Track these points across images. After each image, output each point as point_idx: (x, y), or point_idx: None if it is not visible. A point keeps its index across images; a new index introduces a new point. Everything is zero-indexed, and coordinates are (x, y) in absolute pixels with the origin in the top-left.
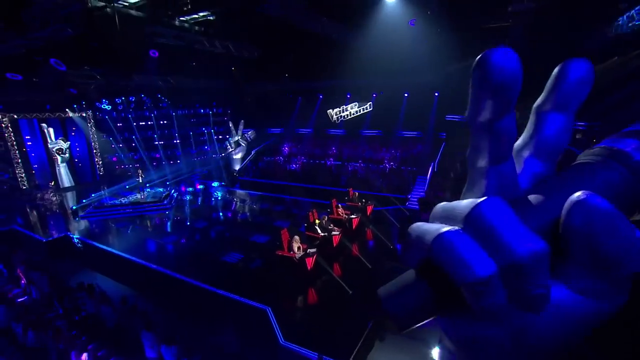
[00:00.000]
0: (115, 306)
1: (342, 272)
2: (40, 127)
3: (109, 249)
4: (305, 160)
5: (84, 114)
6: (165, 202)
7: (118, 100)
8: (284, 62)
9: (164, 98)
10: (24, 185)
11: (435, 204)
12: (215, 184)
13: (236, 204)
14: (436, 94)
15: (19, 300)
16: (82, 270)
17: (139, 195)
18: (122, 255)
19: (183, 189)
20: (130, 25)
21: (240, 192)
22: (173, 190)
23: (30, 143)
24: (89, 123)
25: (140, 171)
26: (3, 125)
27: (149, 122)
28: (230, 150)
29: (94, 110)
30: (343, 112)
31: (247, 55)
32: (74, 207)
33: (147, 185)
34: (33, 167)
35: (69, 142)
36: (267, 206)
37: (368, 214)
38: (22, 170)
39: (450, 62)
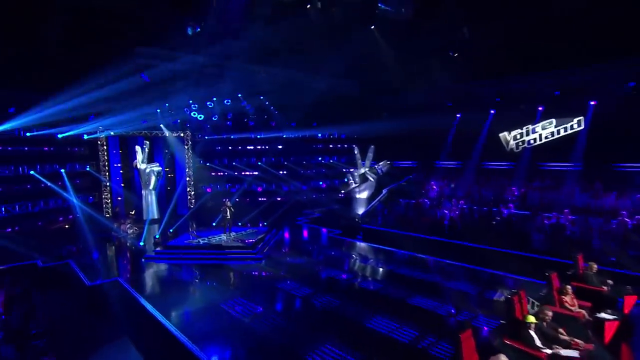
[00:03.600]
0: None
1: None
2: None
3: (158, 316)
4: (466, 206)
5: (181, 134)
6: (257, 249)
7: (215, 118)
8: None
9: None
10: (108, 213)
11: None
12: (328, 231)
13: (354, 263)
14: None
15: None
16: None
17: (224, 237)
18: (175, 335)
19: (287, 235)
20: None
21: (362, 245)
22: (270, 236)
23: (117, 165)
24: (186, 145)
25: (229, 205)
26: (99, 142)
27: (250, 147)
28: (354, 186)
29: (193, 130)
30: (527, 135)
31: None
32: (141, 243)
33: (239, 224)
34: (116, 192)
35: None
36: (404, 271)
37: (626, 311)
38: (109, 195)
39: None
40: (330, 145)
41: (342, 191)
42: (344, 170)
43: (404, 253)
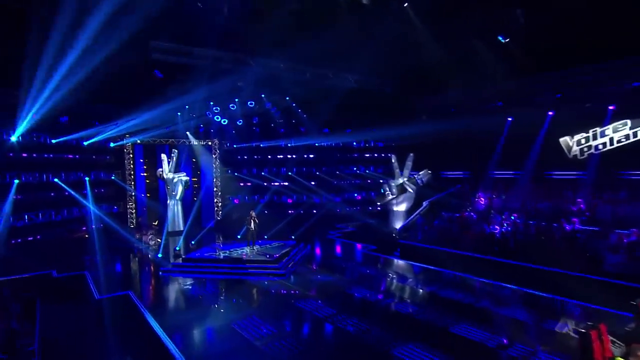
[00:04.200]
0: None
1: None
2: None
3: (161, 334)
4: (520, 221)
5: (208, 142)
6: (281, 263)
7: (240, 122)
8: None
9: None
10: (132, 223)
11: None
12: (363, 246)
13: (390, 282)
14: None
15: None
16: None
17: (247, 250)
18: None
19: (317, 250)
20: None
21: (400, 263)
22: (297, 250)
23: (143, 174)
24: (214, 154)
25: (254, 215)
26: (125, 150)
27: (280, 155)
28: (391, 198)
29: (219, 138)
30: (594, 139)
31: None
32: (159, 255)
33: (265, 237)
34: (141, 202)
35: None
36: (446, 294)
37: None
38: (134, 205)
39: None
40: (366, 155)
41: (378, 203)
42: (381, 181)
43: (447, 273)
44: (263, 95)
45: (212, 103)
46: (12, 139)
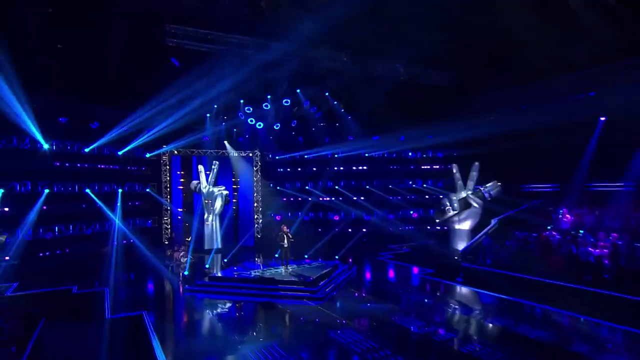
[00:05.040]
0: None
1: None
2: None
3: None
4: (621, 242)
5: (249, 154)
6: (319, 286)
7: (277, 127)
8: None
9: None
10: (166, 240)
11: None
12: (419, 270)
13: (450, 313)
14: None
15: None
16: None
17: (282, 270)
18: None
19: (364, 272)
20: None
21: (463, 290)
22: (339, 272)
23: (180, 187)
24: (255, 167)
25: (287, 230)
26: (162, 161)
27: (326, 168)
28: (452, 214)
29: (259, 148)
30: None
31: None
32: (186, 273)
33: (306, 256)
34: (176, 216)
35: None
36: (524, 330)
37: None
38: (169, 219)
39: None
40: (424, 167)
41: (437, 220)
42: (441, 196)
43: (523, 304)
44: (299, 91)
45: (242, 101)
46: (44, 146)
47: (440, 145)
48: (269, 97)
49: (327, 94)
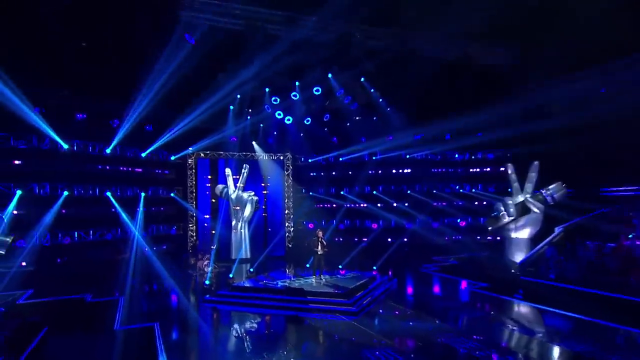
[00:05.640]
0: None
1: None
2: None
3: None
4: None
5: (280, 157)
6: (354, 299)
7: (308, 121)
8: None
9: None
10: (191, 248)
11: None
12: (469, 284)
13: (508, 333)
14: None
15: None
16: None
17: (313, 280)
18: None
19: (405, 285)
20: None
21: (524, 308)
22: (377, 283)
23: (208, 192)
24: (286, 171)
25: (321, 235)
26: (188, 164)
27: (364, 171)
28: (508, 221)
29: (293, 152)
30: None
31: None
32: (207, 282)
33: (340, 267)
34: (202, 223)
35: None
36: (603, 357)
37: None
38: (195, 226)
39: None
40: (473, 169)
41: (490, 228)
42: (494, 202)
43: (603, 326)
44: (331, 76)
45: (268, 90)
46: (64, 146)
47: (490, 145)
48: (297, 84)
49: (362, 79)
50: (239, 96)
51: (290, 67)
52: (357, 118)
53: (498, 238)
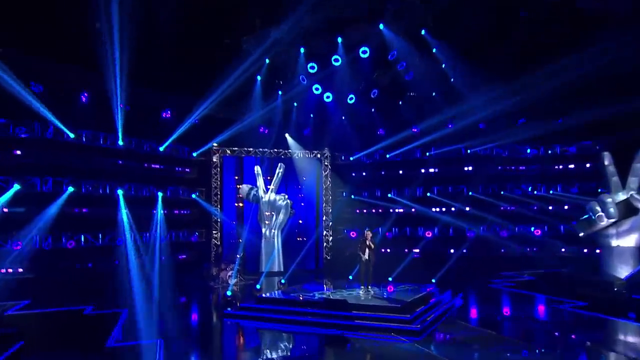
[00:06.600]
0: None
1: None
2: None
3: None
4: None
5: (317, 154)
6: (414, 314)
7: (351, 99)
8: None
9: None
10: (214, 257)
11: None
12: (554, 301)
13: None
14: None
15: None
16: None
17: (360, 292)
18: None
19: (473, 302)
20: None
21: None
22: (439, 299)
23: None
24: (325, 171)
25: (370, 236)
26: (212, 162)
27: (417, 170)
28: (605, 224)
29: (333, 149)
30: None
31: None
32: (228, 293)
33: (390, 279)
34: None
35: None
36: None
37: None
38: (219, 233)
39: None
40: (556, 167)
41: (581, 234)
42: (589, 203)
43: None
44: (382, 27)
45: (302, 51)
46: (70, 136)
47: (577, 133)
48: (339, 41)
49: (423, 32)
50: (267, 61)
51: (333, 16)
52: (412, 94)
53: (585, 250)
